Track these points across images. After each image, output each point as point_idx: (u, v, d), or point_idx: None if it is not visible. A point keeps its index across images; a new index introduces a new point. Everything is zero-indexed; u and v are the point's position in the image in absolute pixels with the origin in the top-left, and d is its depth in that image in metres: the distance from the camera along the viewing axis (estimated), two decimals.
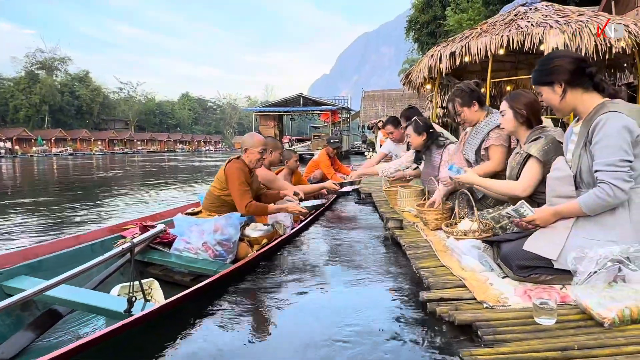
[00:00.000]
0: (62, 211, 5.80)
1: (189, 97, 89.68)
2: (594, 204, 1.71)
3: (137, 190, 8.58)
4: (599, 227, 1.74)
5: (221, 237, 2.66)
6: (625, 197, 1.67)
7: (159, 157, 37.77)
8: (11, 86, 56.25)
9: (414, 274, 2.33)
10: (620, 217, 1.72)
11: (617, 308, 1.47)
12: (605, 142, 1.68)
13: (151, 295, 2.24)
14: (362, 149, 27.35)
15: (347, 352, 1.59)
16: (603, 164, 1.68)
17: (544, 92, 1.93)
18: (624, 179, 1.65)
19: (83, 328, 2.03)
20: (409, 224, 3.33)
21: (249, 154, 3.15)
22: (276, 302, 2.16)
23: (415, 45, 26.86)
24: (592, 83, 1.84)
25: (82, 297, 1.96)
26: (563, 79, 1.84)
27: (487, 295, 1.79)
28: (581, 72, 1.83)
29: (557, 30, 6.17)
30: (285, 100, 27.91)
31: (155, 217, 3.52)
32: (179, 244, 2.74)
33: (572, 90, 1.85)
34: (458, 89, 3.13)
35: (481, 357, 1.34)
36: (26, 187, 10.65)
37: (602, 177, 1.68)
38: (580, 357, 1.31)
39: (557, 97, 1.88)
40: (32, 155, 44.73)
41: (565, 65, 1.84)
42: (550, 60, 1.91)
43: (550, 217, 1.88)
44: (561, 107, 1.90)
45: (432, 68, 7.50)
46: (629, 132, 1.66)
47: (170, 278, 2.66)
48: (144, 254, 2.73)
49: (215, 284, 2.17)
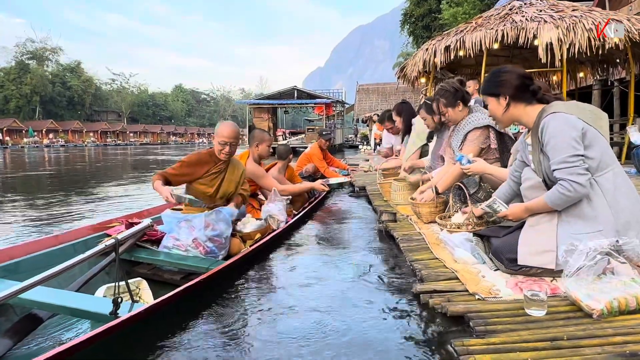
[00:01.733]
0: (48, 206, 5.66)
1: (182, 89, 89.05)
2: (558, 199, 1.78)
3: (128, 184, 8.51)
4: (582, 221, 1.78)
5: (212, 233, 2.56)
6: (585, 189, 1.73)
7: (152, 149, 37.46)
8: (1, 76, 55.51)
9: (407, 266, 2.36)
10: (598, 206, 1.76)
11: (606, 300, 1.50)
12: (553, 142, 1.77)
13: (139, 296, 2.15)
14: (356, 143, 27.36)
15: (340, 341, 1.61)
16: (557, 162, 1.76)
17: (489, 102, 2.07)
18: (579, 173, 1.72)
19: (66, 333, 1.90)
20: (403, 217, 3.35)
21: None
22: (270, 298, 2.15)
23: (410, 38, 26.85)
24: (535, 98, 1.96)
25: (63, 299, 1.82)
26: (508, 92, 1.97)
27: (479, 287, 1.82)
28: (525, 88, 1.96)
29: (551, 25, 6.19)
30: (280, 93, 27.74)
31: (142, 214, 3.35)
32: (168, 241, 2.62)
33: (515, 104, 1.98)
34: (442, 88, 3.13)
35: (473, 347, 1.36)
36: (15, 180, 10.54)
37: (560, 175, 1.75)
38: (569, 347, 1.34)
39: (501, 108, 2.01)
40: (23, 146, 44.22)
41: (511, 81, 1.97)
42: (498, 74, 2.04)
43: (521, 213, 1.97)
44: (503, 119, 2.05)
45: (427, 62, 7.49)
46: (572, 128, 1.75)
47: (160, 277, 2.54)
48: (131, 253, 2.59)
49: (207, 281, 2.09)
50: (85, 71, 65.86)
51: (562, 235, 1.80)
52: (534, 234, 1.88)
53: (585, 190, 1.73)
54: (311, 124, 31.03)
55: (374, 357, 1.51)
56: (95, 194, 6.98)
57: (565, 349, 1.32)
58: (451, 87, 3.07)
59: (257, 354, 1.59)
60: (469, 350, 1.35)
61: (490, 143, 2.91)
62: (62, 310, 1.81)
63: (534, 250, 1.84)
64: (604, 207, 1.76)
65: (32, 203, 6.00)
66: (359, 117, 29.04)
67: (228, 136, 2.83)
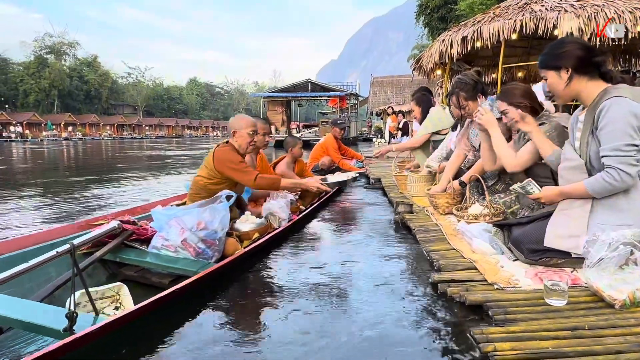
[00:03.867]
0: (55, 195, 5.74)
1: (196, 82, 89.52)
2: (601, 188, 1.72)
3: (141, 178, 8.59)
4: (614, 212, 1.75)
5: (205, 233, 2.35)
6: (632, 181, 1.68)
7: (167, 142, 37.79)
8: (21, 71, 56.53)
9: (424, 257, 2.36)
10: (634, 200, 1.72)
11: (629, 290, 1.49)
12: (611, 128, 1.69)
13: (120, 302, 1.97)
14: (370, 136, 27.24)
15: (355, 333, 1.62)
16: (609, 149, 1.69)
17: (549, 76, 1.93)
18: (630, 163, 1.66)
19: (28, 346, 1.65)
20: (419, 209, 3.35)
21: (238, 137, 2.90)
22: (270, 302, 1.98)
23: (425, 30, 26.49)
24: (599, 72, 1.84)
25: (15, 310, 1.58)
26: (570, 64, 1.84)
27: (498, 277, 1.81)
28: (589, 60, 1.83)
29: (571, 14, 6.05)
30: (293, 86, 27.70)
31: (135, 211, 3.12)
32: (157, 241, 2.42)
33: (578, 77, 1.85)
34: (461, 81, 3.06)
35: (492, 335, 1.37)
36: (33, 171, 10.77)
37: (609, 162, 1.69)
38: (590, 336, 1.33)
39: (563, 82, 1.88)
40: (42, 139, 45.06)
41: (574, 52, 1.84)
42: (560, 45, 1.91)
43: (555, 196, 1.91)
44: (564, 94, 1.91)
45: (443, 53, 7.40)
46: (634, 117, 1.67)
47: (147, 280, 2.35)
48: (116, 253, 2.37)
49: (193, 286, 1.89)
50: (102, 65, 66.66)
51: (593, 224, 1.77)
52: (564, 217, 1.85)
53: (632, 182, 1.69)
54: (325, 117, 30.94)
55: (391, 345, 1.52)
56: (114, 183, 7.09)
57: (586, 339, 1.32)
58: (471, 80, 3.03)
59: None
60: (488, 338, 1.35)
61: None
62: (14, 324, 1.59)
63: (561, 234, 1.81)
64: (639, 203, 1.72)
65: (55, 192, 6.14)
66: (373, 110, 28.85)
67: (255, 123, 2.97)
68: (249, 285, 2.25)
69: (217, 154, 2.84)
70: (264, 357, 1.49)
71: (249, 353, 1.51)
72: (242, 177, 2.85)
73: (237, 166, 2.83)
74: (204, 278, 1.99)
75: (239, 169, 2.83)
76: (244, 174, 2.84)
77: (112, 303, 1.95)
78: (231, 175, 2.84)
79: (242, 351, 1.52)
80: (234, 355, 1.50)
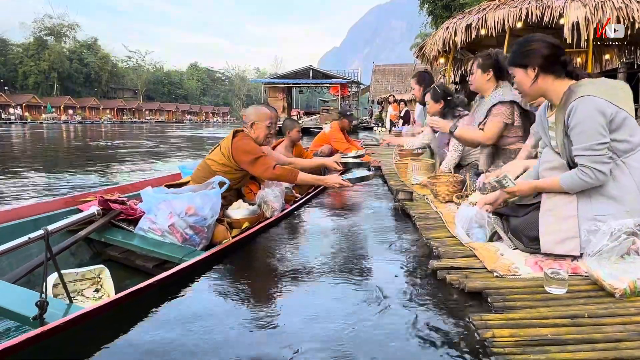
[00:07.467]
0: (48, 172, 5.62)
1: (197, 67, 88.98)
2: (575, 185, 1.75)
3: (140, 160, 8.51)
4: (606, 201, 1.74)
5: (194, 220, 2.28)
6: (606, 178, 1.71)
7: (167, 127, 37.53)
8: (20, 52, 56.13)
9: (424, 244, 2.34)
10: (625, 186, 1.73)
11: (629, 279, 1.47)
12: (580, 128, 1.72)
13: (100, 285, 1.92)
14: (371, 124, 27.15)
15: (351, 321, 1.61)
16: (581, 149, 1.73)
17: (516, 74, 1.96)
18: (604, 162, 1.70)
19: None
20: (419, 197, 3.33)
21: (256, 128, 2.87)
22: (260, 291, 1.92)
23: (429, 18, 26.20)
24: (565, 71, 1.86)
25: None
26: (537, 63, 1.86)
27: (498, 264, 1.80)
28: (555, 58, 1.85)
29: (578, 3, 5.97)
30: (295, 73, 27.53)
31: (125, 189, 3.03)
32: (144, 223, 2.36)
33: (544, 76, 1.87)
34: (487, 53, 3.07)
35: (491, 322, 1.36)
36: (34, 153, 10.74)
37: (583, 162, 1.72)
38: (590, 324, 1.32)
39: (529, 80, 1.90)
40: (42, 122, 44.93)
41: (541, 50, 1.86)
42: (526, 43, 1.92)
43: (530, 190, 1.94)
44: (530, 92, 1.94)
45: (447, 41, 7.33)
46: (600, 114, 1.69)
47: (132, 262, 2.31)
48: (102, 234, 2.31)
49: (179, 275, 1.80)
50: (102, 48, 66.14)
51: (584, 218, 1.76)
52: (553, 219, 1.82)
53: (605, 179, 1.72)
54: (326, 104, 30.79)
55: (389, 331, 1.51)
56: (113, 164, 7.07)
57: (586, 326, 1.31)
58: (495, 56, 3.01)
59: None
60: (487, 325, 1.34)
61: (515, 120, 2.84)
62: None
63: (557, 239, 1.80)
64: (631, 187, 1.72)
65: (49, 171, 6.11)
66: (374, 99, 28.72)
67: (272, 116, 2.95)
68: (236, 271, 2.15)
69: (236, 143, 2.77)
70: (252, 347, 1.48)
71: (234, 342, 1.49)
72: (259, 169, 2.78)
73: (257, 156, 2.76)
74: (188, 268, 1.87)
75: (259, 160, 2.76)
76: (261, 165, 2.76)
77: (93, 285, 1.91)
78: (248, 167, 2.78)
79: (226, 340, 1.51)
80: (217, 345, 1.44)
